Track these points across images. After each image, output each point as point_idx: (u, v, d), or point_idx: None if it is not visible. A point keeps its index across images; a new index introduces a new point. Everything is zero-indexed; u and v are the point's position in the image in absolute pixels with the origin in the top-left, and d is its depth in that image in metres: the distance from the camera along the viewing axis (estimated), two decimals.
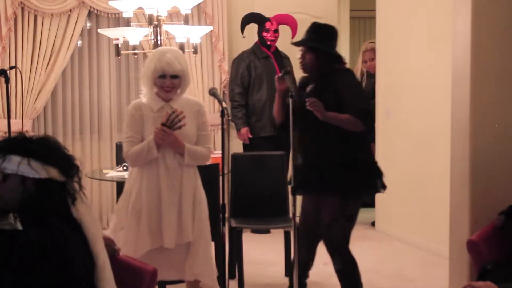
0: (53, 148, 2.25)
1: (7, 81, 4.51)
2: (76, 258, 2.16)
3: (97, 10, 6.29)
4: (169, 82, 3.45)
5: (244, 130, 6.09)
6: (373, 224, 6.58)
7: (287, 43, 5.05)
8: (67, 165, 2.25)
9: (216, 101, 5.69)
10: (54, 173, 2.21)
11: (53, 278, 2.10)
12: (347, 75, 3.91)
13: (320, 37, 3.83)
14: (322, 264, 4.40)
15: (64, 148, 2.29)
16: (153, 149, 3.42)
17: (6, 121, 4.73)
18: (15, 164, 2.18)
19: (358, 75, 6.58)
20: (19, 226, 2.18)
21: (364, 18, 9.35)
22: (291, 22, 6.27)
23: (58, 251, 2.11)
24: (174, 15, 5.97)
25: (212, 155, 4.14)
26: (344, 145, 3.80)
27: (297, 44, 3.93)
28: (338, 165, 3.80)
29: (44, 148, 2.23)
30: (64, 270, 2.11)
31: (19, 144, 2.22)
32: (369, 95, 6.46)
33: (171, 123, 3.40)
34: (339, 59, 3.88)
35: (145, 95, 3.53)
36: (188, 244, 3.55)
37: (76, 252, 2.16)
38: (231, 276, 4.59)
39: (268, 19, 6.17)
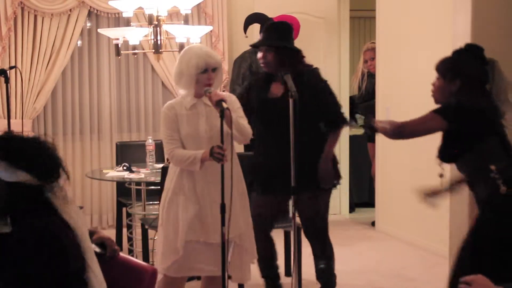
0: (30, 151, 2.20)
1: (7, 81, 4.52)
2: (71, 249, 2.17)
3: (97, 10, 6.30)
4: (211, 75, 3.43)
5: None
6: (373, 224, 6.58)
7: None
8: (46, 169, 2.20)
9: None
10: (25, 177, 2.16)
11: (51, 266, 2.11)
12: (319, 75, 4.09)
13: (277, 35, 3.99)
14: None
15: (49, 150, 2.24)
16: (197, 164, 3.39)
17: (6, 121, 4.72)
18: None
19: (359, 75, 6.59)
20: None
21: (364, 18, 9.33)
22: (294, 24, 6.25)
23: (54, 240, 2.12)
24: (174, 15, 5.97)
25: None
26: (322, 139, 4.10)
27: (256, 45, 4.04)
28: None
29: (18, 151, 2.18)
30: (60, 260, 2.13)
31: None
32: (370, 95, 6.47)
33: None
34: (298, 53, 4.04)
35: (187, 95, 3.49)
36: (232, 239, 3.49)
37: (70, 244, 2.17)
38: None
39: (271, 20, 6.16)
